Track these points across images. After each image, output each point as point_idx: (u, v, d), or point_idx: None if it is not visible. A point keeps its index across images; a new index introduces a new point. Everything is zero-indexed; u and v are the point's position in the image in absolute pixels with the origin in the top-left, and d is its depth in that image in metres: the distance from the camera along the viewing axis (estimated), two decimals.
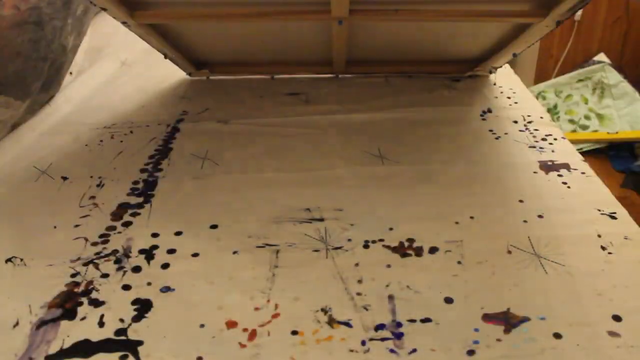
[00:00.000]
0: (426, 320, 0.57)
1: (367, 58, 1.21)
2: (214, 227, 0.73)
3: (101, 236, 0.72)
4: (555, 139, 0.94)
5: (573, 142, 0.96)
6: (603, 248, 0.67)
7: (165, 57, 1.14)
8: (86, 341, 0.55)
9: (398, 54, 1.20)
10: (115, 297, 0.61)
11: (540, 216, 0.74)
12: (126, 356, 0.54)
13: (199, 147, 0.95)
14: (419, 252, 0.68)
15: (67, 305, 0.60)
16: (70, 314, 0.59)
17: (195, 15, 0.94)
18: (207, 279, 0.64)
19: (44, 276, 0.64)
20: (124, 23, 0.94)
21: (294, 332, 0.56)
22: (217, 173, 0.87)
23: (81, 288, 0.63)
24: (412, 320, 0.57)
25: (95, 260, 0.67)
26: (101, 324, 0.58)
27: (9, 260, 0.67)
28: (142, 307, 0.60)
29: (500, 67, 1.20)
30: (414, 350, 0.54)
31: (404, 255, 0.67)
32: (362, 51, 1.15)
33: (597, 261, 0.65)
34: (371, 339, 0.55)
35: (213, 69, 1.24)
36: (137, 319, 0.58)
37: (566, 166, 0.86)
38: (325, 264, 0.66)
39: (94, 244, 0.70)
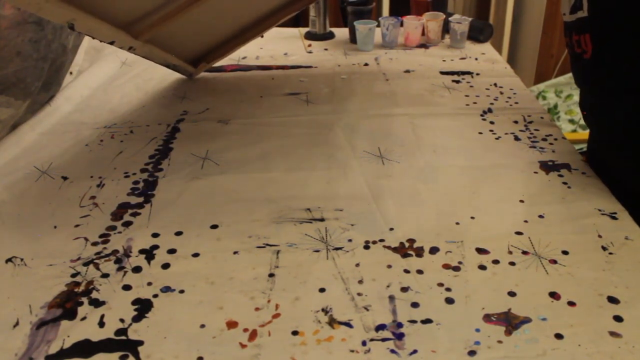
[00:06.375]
0: (427, 321, 0.57)
1: None
2: (214, 227, 0.73)
3: (101, 236, 0.72)
4: (555, 139, 0.94)
5: (573, 142, 0.96)
6: (604, 248, 0.67)
7: (169, 67, 1.14)
8: (86, 341, 0.55)
9: None
10: (115, 297, 0.61)
11: (540, 216, 0.74)
12: (126, 356, 0.54)
13: (199, 147, 0.95)
14: (419, 252, 0.67)
15: (67, 305, 0.60)
16: (70, 314, 0.59)
17: (180, 8, 0.93)
18: (207, 279, 0.64)
19: (44, 276, 0.64)
20: (130, 49, 0.94)
21: (295, 332, 0.56)
22: (217, 173, 0.87)
23: (81, 288, 0.62)
24: (413, 321, 0.57)
25: (96, 260, 0.67)
26: (101, 324, 0.57)
27: (9, 260, 0.67)
28: (143, 307, 0.60)
29: None
30: (415, 351, 0.54)
31: (405, 255, 0.67)
32: None
33: (598, 261, 0.65)
34: (372, 340, 0.55)
35: (209, 59, 1.24)
36: (137, 319, 0.58)
37: (567, 166, 0.86)
38: (325, 264, 0.66)
39: (94, 244, 0.70)
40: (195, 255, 0.68)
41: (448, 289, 0.61)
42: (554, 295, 0.60)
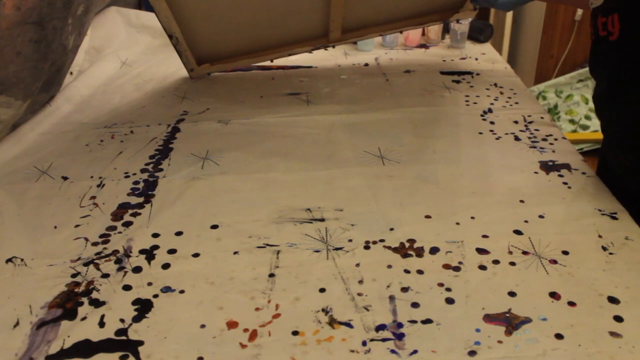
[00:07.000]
0: (427, 321, 0.57)
1: (360, 24, 1.23)
2: (214, 227, 0.73)
3: (101, 236, 0.72)
4: (555, 139, 0.94)
5: (573, 142, 0.96)
6: (604, 248, 0.67)
7: (170, 39, 1.13)
8: (87, 341, 0.55)
9: (390, 13, 1.24)
10: (115, 297, 0.61)
11: (541, 216, 0.74)
12: (127, 356, 0.54)
13: (199, 147, 0.95)
14: (419, 252, 0.67)
15: (67, 305, 0.60)
16: (70, 314, 0.59)
17: None
18: (207, 279, 0.64)
19: (45, 276, 0.64)
20: None
21: (295, 333, 0.56)
22: (217, 173, 0.87)
23: (82, 288, 0.62)
24: (413, 321, 0.57)
25: (96, 261, 0.67)
26: (102, 324, 0.57)
27: (9, 260, 0.67)
28: (143, 307, 0.60)
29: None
30: (415, 352, 0.54)
31: (405, 255, 0.67)
32: (356, 17, 1.20)
33: (598, 262, 0.65)
34: (372, 340, 0.55)
35: (213, 64, 1.24)
36: (137, 319, 0.58)
37: (567, 166, 0.85)
38: (326, 265, 0.66)
39: (95, 244, 0.70)
40: (195, 255, 0.68)
41: (448, 289, 0.61)
42: (554, 295, 0.60)
